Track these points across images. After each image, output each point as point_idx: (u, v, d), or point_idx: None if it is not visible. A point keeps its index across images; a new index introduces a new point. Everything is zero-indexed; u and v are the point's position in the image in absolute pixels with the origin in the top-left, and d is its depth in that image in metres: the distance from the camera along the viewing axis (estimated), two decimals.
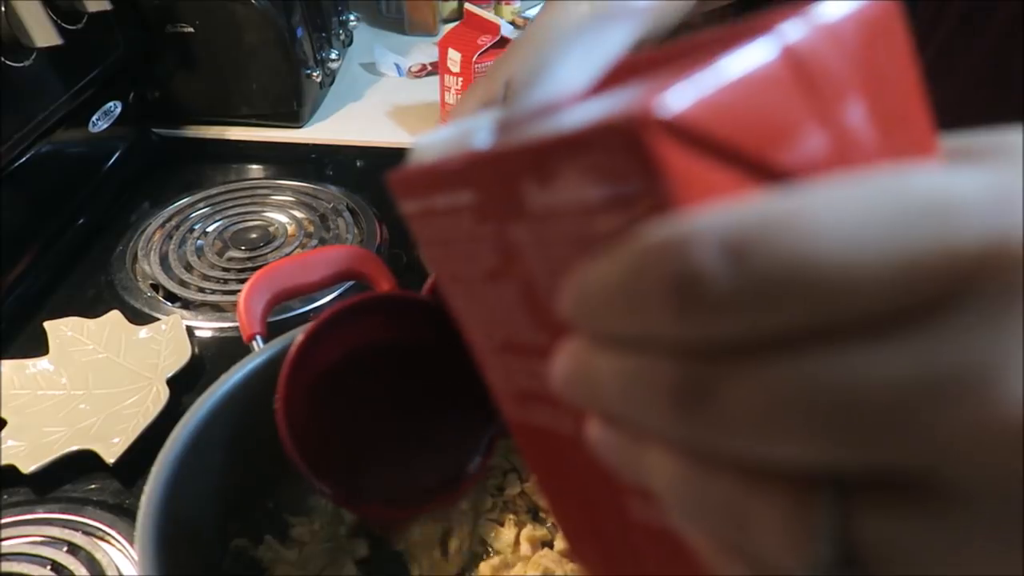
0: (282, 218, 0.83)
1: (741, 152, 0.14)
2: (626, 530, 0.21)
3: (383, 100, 1.06)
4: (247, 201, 0.86)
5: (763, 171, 0.14)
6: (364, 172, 0.93)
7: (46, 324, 0.65)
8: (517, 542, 0.51)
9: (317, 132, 0.99)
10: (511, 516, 0.53)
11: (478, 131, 0.19)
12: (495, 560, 0.49)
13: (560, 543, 0.51)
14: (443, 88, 0.96)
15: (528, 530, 0.51)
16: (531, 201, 0.17)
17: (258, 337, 0.51)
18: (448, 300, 0.23)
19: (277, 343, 0.50)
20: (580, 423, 0.20)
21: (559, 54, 0.24)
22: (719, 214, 0.13)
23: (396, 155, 1.00)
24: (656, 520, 0.19)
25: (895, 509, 0.13)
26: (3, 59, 0.69)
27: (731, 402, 0.13)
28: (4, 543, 0.50)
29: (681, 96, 0.14)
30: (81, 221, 0.82)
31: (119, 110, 0.90)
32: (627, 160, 0.14)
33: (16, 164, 0.73)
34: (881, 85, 0.16)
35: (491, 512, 0.54)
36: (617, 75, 0.22)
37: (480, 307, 0.22)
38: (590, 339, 0.16)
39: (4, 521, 0.52)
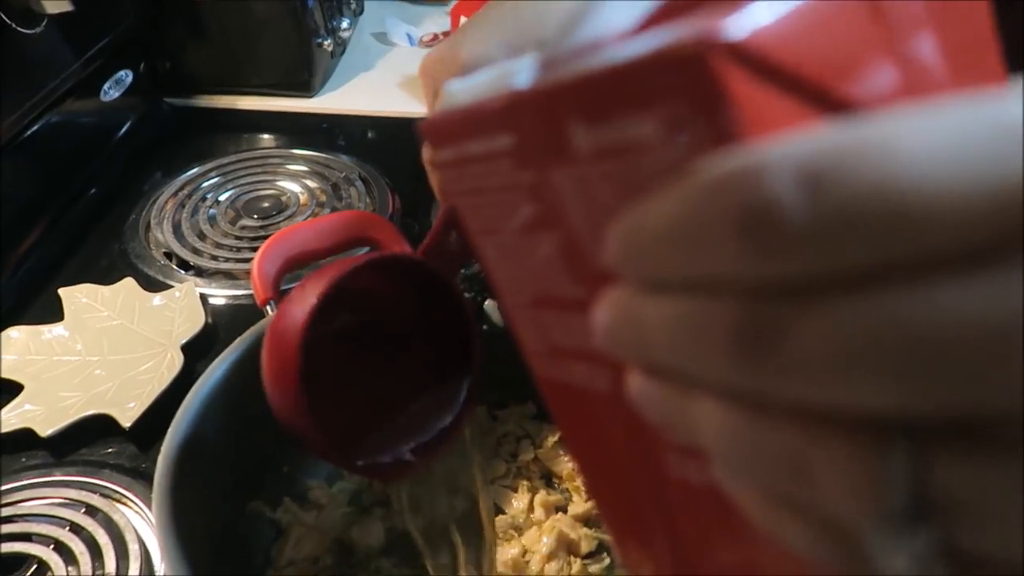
0: (294, 187, 0.83)
1: (809, 82, 0.14)
2: (661, 488, 0.21)
3: (394, 70, 1.06)
4: (259, 170, 0.85)
5: (830, 103, 0.14)
6: (376, 142, 0.93)
7: (61, 291, 0.66)
8: (531, 508, 0.51)
9: (328, 102, 0.98)
10: (524, 482, 0.53)
11: (518, 73, 0.19)
12: (502, 518, 0.49)
13: (574, 508, 0.51)
14: None
15: (542, 496, 0.51)
16: (578, 142, 0.16)
17: (272, 302, 0.51)
18: (478, 255, 0.23)
19: None
20: (617, 378, 0.19)
21: None
22: (792, 143, 0.12)
23: (408, 126, 0.99)
24: (695, 477, 0.19)
25: (975, 456, 0.12)
26: (14, 25, 0.69)
27: (802, 345, 0.12)
28: (24, 504, 0.51)
29: (747, 21, 0.13)
30: (93, 191, 0.82)
31: (130, 79, 0.90)
32: (690, 87, 0.13)
33: (28, 133, 0.73)
34: (952, 20, 0.15)
35: (504, 478, 0.54)
36: (663, 16, 0.21)
37: (513, 261, 0.21)
38: (638, 285, 0.15)
39: (23, 483, 0.52)
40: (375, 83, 1.03)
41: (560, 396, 0.23)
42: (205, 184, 0.83)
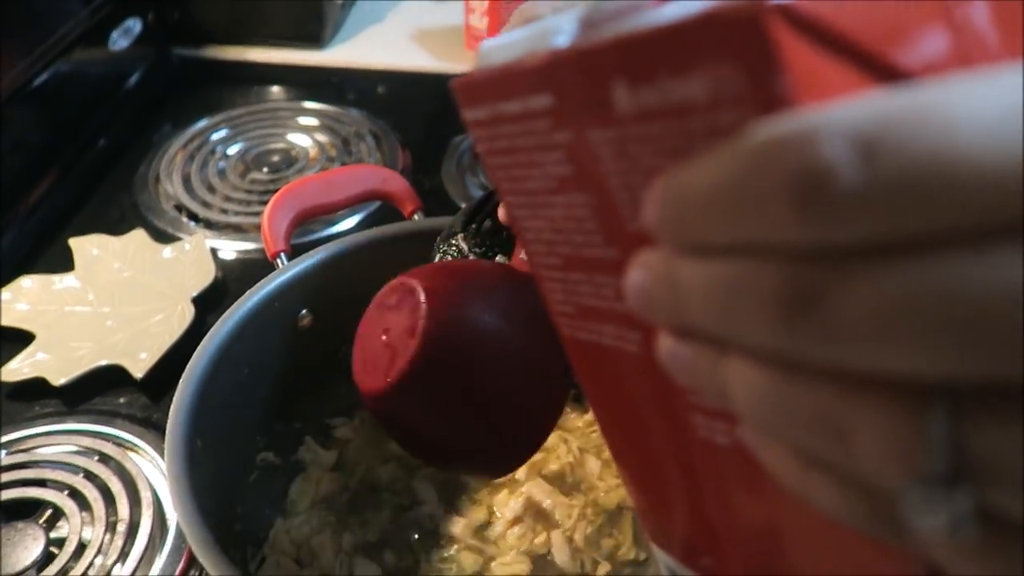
0: (304, 141, 0.82)
1: (861, 47, 0.13)
2: (685, 449, 0.21)
3: (406, 23, 1.04)
4: (268, 123, 0.85)
5: (882, 69, 0.14)
6: (386, 97, 0.92)
7: (71, 241, 0.66)
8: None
9: (338, 55, 0.97)
10: None
11: (558, 32, 0.18)
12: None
13: (549, 464, 0.50)
14: (468, 10, 0.94)
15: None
16: (620, 103, 0.16)
17: (282, 255, 0.51)
18: (508, 214, 0.23)
19: (303, 260, 0.49)
20: (645, 339, 0.19)
21: None
22: (847, 109, 0.12)
23: (419, 80, 0.98)
24: (720, 438, 0.19)
25: (1014, 420, 0.12)
26: None
27: (848, 309, 0.12)
28: (38, 451, 0.52)
29: None
30: (102, 142, 0.82)
31: (139, 28, 0.88)
32: (741, 50, 0.13)
33: (37, 81, 0.73)
34: None
35: None
36: None
37: (544, 221, 0.21)
38: (675, 248, 0.15)
39: (37, 431, 0.53)
40: (386, 36, 1.01)
41: (586, 356, 0.23)
42: (214, 136, 0.83)
